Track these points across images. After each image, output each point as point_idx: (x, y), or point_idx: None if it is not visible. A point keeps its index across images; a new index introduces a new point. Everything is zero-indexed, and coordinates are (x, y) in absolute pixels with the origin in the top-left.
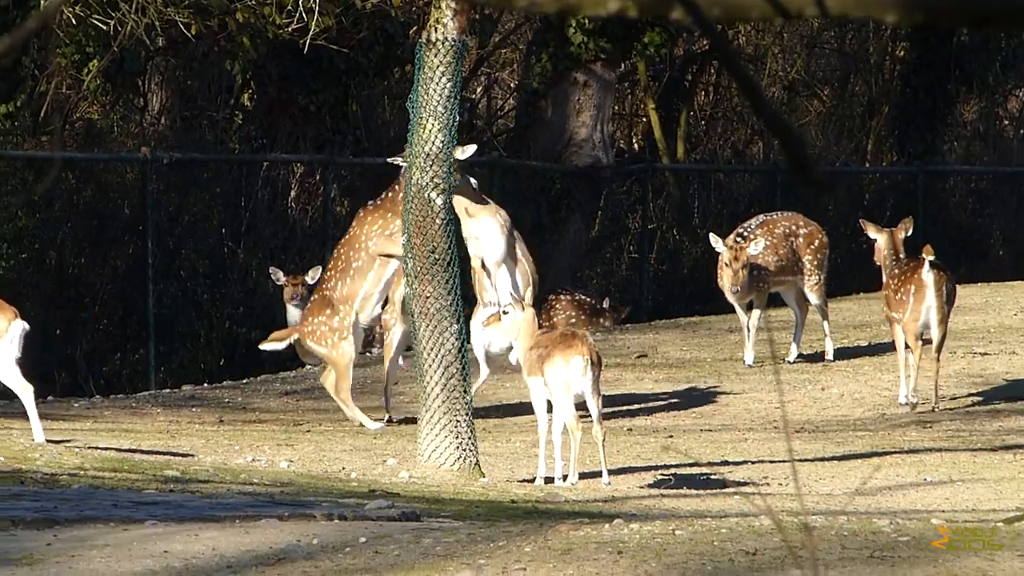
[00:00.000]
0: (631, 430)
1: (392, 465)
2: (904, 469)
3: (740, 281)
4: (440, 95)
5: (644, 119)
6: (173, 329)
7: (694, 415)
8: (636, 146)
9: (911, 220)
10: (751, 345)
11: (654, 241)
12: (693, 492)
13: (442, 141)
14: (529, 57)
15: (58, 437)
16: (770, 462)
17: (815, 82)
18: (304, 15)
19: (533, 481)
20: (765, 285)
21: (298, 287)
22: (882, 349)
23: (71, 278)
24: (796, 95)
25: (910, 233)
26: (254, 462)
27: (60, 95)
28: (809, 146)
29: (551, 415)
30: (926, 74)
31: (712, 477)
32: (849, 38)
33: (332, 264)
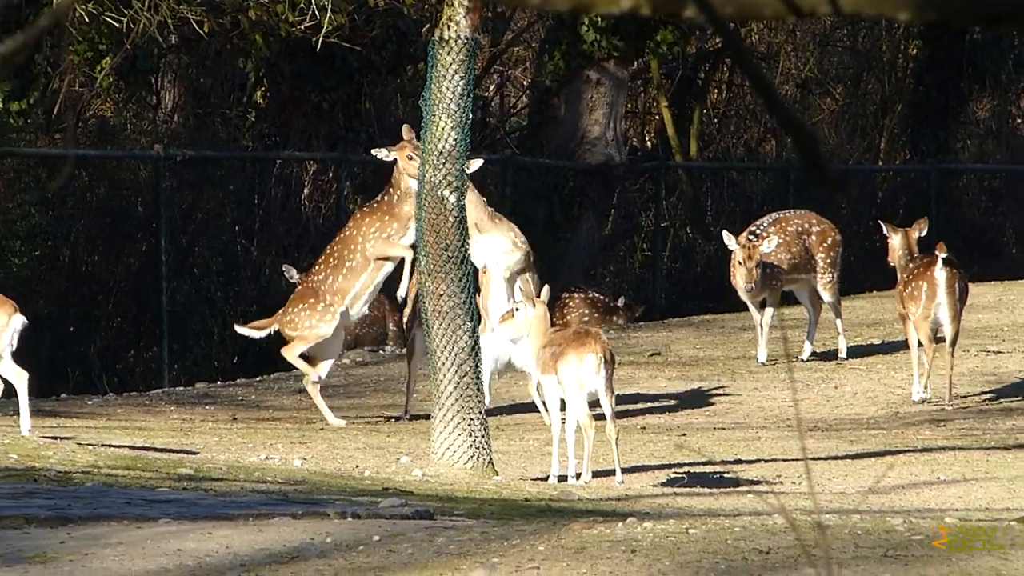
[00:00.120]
0: (644, 428)
1: (405, 463)
2: (917, 468)
3: (753, 279)
4: (453, 93)
5: (657, 117)
6: (186, 327)
7: (707, 413)
8: (649, 144)
9: (926, 221)
10: (764, 343)
11: (667, 239)
12: (706, 491)
13: (455, 139)
14: (542, 55)
15: (69, 434)
16: (783, 460)
17: (828, 80)
18: (317, 13)
19: (546, 479)
20: (778, 283)
21: None
22: (895, 347)
23: (84, 275)
24: (809, 93)
25: (924, 233)
26: (267, 460)
27: (73, 92)
28: (822, 144)
29: (564, 413)
30: (939, 72)
31: (725, 475)
32: (862, 36)
33: (323, 260)
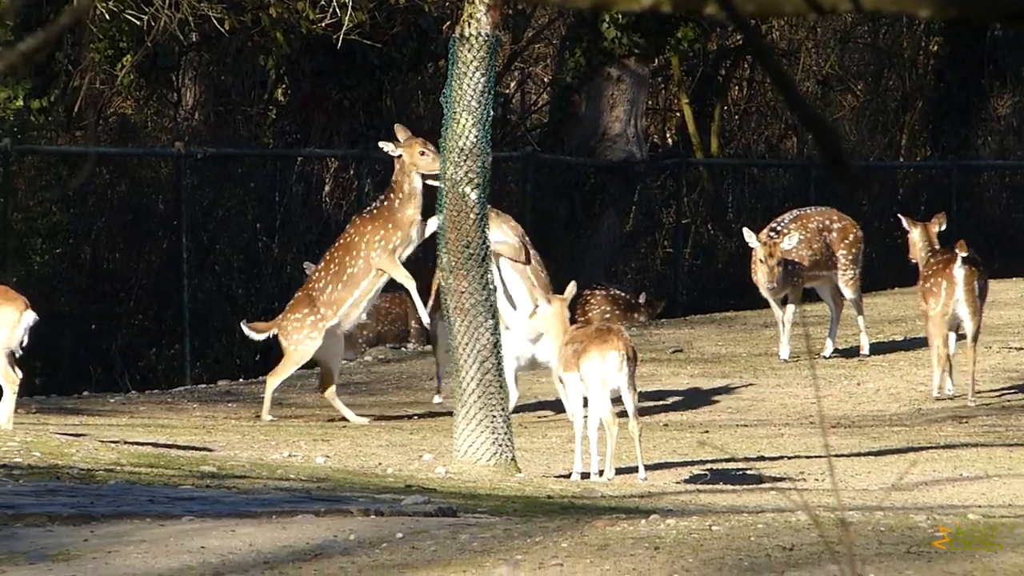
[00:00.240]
0: (667, 425)
1: (428, 460)
2: (940, 464)
3: (775, 278)
4: (474, 90)
5: (678, 114)
6: (208, 324)
7: (729, 410)
8: (670, 141)
9: (944, 215)
10: (786, 340)
11: (688, 236)
12: (729, 487)
13: (476, 136)
14: (563, 52)
15: (91, 432)
16: (806, 457)
17: (849, 77)
18: (337, 10)
19: (569, 476)
20: (799, 280)
21: None
22: (917, 344)
23: (106, 273)
24: (830, 90)
25: (944, 228)
26: (290, 457)
27: (94, 90)
28: (843, 141)
29: (587, 410)
30: (960, 69)
31: (748, 472)
32: (883, 33)
33: (324, 266)
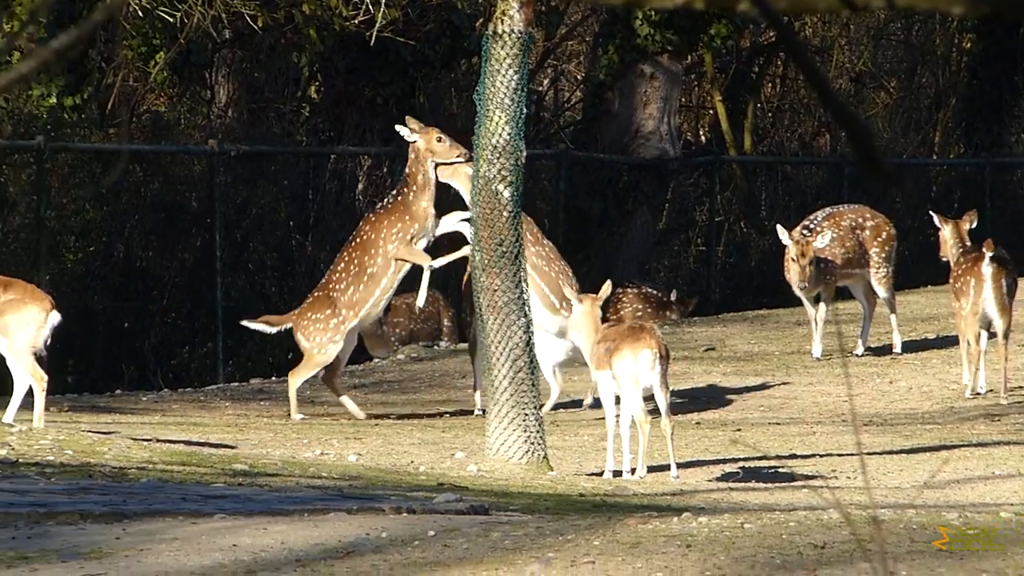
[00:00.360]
0: (699, 423)
1: (460, 459)
2: (972, 462)
3: (808, 277)
4: (507, 87)
5: (711, 111)
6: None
7: (762, 408)
8: (703, 138)
9: (976, 212)
10: (819, 338)
11: (721, 233)
12: (761, 485)
13: (509, 133)
14: (596, 49)
15: (124, 430)
16: (838, 455)
17: (882, 74)
18: (370, 7)
19: (601, 474)
20: (832, 278)
21: None
22: (950, 342)
23: (139, 271)
24: (863, 87)
25: (975, 225)
26: (322, 455)
27: (127, 87)
28: (876, 138)
29: (619, 408)
30: (993, 66)
31: (780, 470)
32: (916, 30)
33: (343, 267)
